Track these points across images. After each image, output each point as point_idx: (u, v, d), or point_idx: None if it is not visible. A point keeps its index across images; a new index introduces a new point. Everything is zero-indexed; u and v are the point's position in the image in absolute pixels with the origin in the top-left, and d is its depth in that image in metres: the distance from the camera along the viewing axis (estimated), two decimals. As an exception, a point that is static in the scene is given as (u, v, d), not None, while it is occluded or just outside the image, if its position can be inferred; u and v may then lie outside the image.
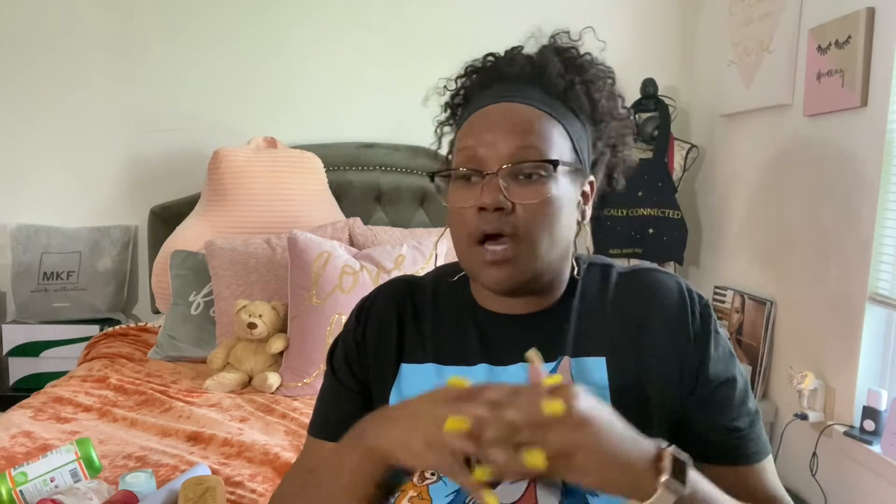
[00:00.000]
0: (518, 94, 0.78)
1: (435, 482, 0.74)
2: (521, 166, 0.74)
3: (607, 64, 0.85)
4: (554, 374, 0.78)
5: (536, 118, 0.77)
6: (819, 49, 2.00)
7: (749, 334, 2.34)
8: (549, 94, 0.79)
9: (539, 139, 0.75)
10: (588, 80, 0.81)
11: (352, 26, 2.77)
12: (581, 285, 0.84)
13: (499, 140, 0.75)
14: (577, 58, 0.82)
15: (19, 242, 2.69)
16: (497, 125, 0.76)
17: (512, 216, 0.74)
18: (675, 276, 0.82)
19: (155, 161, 2.78)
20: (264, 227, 2.43)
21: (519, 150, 0.74)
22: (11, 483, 1.24)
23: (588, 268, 0.86)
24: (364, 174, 2.73)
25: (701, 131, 2.79)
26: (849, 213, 1.90)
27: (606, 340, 0.78)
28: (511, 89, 0.79)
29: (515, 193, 0.74)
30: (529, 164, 0.74)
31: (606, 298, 0.81)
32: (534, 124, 0.76)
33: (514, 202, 0.74)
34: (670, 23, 2.82)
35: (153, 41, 2.74)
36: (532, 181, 0.75)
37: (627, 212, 2.57)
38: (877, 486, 1.79)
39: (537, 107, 0.77)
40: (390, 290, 0.89)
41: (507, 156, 0.74)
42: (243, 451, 1.53)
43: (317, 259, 2.00)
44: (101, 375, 1.96)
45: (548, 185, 0.75)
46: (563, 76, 0.80)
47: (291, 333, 2.00)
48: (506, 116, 0.76)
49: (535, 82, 0.80)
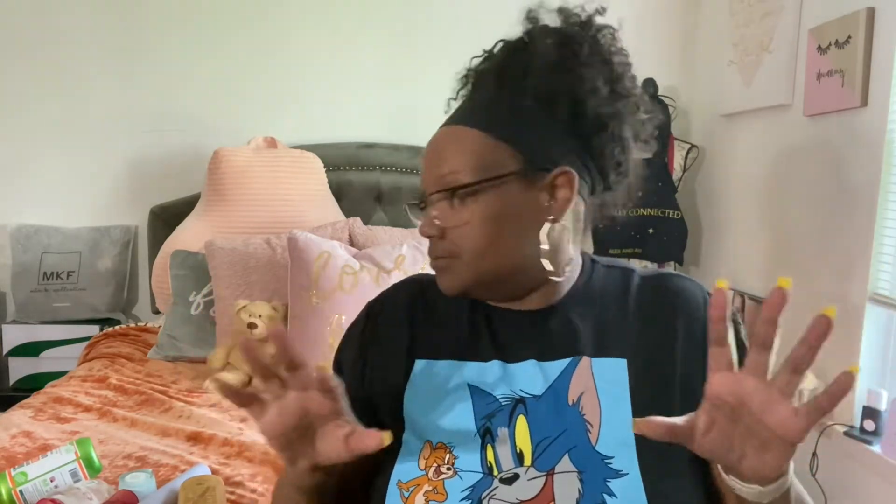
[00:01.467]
0: (458, 113, 0.81)
1: (451, 477, 0.74)
2: (442, 193, 0.77)
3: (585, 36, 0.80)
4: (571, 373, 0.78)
5: (455, 142, 0.78)
6: (819, 49, 2.00)
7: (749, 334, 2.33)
8: (498, 101, 0.79)
9: (458, 163, 0.77)
10: (540, 67, 0.78)
11: (352, 26, 2.77)
12: (598, 285, 0.83)
13: (427, 171, 0.80)
14: (535, 45, 0.79)
15: (19, 242, 2.69)
16: (431, 152, 0.80)
17: (444, 241, 0.78)
18: (699, 283, 0.81)
19: (155, 161, 2.78)
20: (264, 227, 2.42)
21: (439, 179, 0.77)
22: (11, 483, 1.24)
23: (607, 269, 0.86)
24: (364, 174, 2.73)
25: (701, 131, 2.79)
26: (849, 214, 1.90)
27: (627, 343, 0.78)
28: (458, 110, 0.82)
29: (447, 218, 0.77)
30: (442, 193, 0.77)
31: (628, 301, 0.81)
32: (448, 150, 0.78)
33: (446, 227, 0.77)
34: (670, 23, 2.82)
35: (153, 41, 2.74)
36: (463, 204, 0.77)
37: (627, 212, 2.57)
38: (877, 486, 1.79)
39: (466, 124, 0.78)
40: (402, 288, 0.90)
41: (433, 182, 0.78)
42: (243, 451, 1.53)
43: (317, 259, 2.00)
44: (101, 375, 1.96)
45: (477, 204, 0.76)
46: (524, 72, 0.78)
47: (291, 333, 2.00)
48: (432, 145, 0.81)
49: (491, 86, 0.81)
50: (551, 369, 0.78)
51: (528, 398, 0.76)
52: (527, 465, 0.73)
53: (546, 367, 0.78)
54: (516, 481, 0.72)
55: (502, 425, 0.75)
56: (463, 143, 0.77)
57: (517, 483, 0.72)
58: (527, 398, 0.76)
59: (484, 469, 0.73)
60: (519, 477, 0.72)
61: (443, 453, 0.75)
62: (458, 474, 0.74)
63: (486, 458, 0.74)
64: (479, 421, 0.76)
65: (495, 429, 0.75)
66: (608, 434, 0.73)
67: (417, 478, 0.75)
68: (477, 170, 0.76)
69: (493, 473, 0.73)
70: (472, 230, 0.76)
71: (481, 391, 0.78)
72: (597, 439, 0.73)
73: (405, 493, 0.74)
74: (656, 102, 2.58)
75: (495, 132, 0.77)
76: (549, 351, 0.79)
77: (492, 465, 0.73)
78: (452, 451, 0.75)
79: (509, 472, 0.73)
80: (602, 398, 0.75)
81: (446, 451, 0.75)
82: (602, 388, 0.75)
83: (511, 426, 0.75)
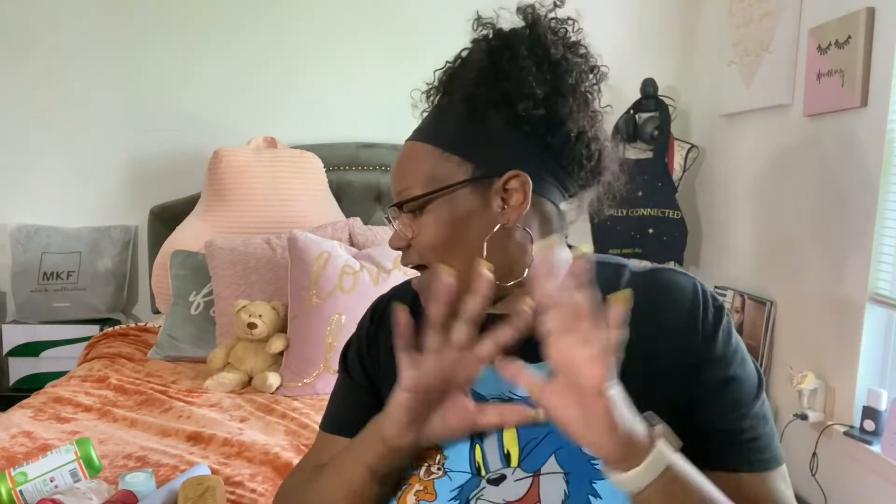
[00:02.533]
0: (416, 129, 0.83)
1: (440, 477, 0.75)
2: (398, 208, 0.80)
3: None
4: None
5: (410, 158, 0.80)
6: (819, 49, 2.00)
7: (749, 334, 2.34)
8: (446, 113, 0.80)
9: (411, 179, 0.79)
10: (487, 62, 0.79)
11: (352, 26, 2.77)
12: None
13: (393, 182, 0.82)
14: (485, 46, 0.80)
15: (19, 242, 2.69)
16: (392, 171, 0.84)
17: (410, 250, 0.80)
18: (693, 278, 0.80)
19: (155, 161, 2.78)
20: (264, 227, 2.43)
21: (397, 195, 0.80)
22: (11, 483, 1.24)
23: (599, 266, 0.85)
24: (364, 174, 2.73)
25: (701, 131, 2.79)
26: (849, 213, 1.90)
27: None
28: (418, 125, 0.84)
29: (408, 230, 0.80)
30: (395, 207, 0.80)
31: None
32: (405, 166, 0.80)
33: (409, 238, 0.79)
34: (670, 23, 2.82)
35: (153, 41, 2.74)
36: (420, 216, 0.78)
37: (627, 212, 2.58)
38: (877, 486, 1.79)
39: (419, 139, 0.81)
40: (405, 289, 0.90)
41: (394, 199, 0.81)
42: (243, 451, 1.53)
43: (317, 259, 2.00)
44: (101, 375, 1.96)
45: (430, 214, 0.78)
46: (479, 76, 0.78)
47: (291, 333, 2.00)
48: (395, 162, 0.83)
49: (442, 100, 0.82)
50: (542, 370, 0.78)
51: (517, 400, 0.77)
52: (514, 465, 0.73)
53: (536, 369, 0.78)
54: (503, 482, 0.72)
55: None
56: (416, 159, 0.80)
57: (504, 484, 0.72)
58: (515, 400, 0.77)
59: (472, 469, 0.74)
60: (506, 478, 0.73)
61: (434, 453, 0.76)
62: (447, 474, 0.75)
63: (474, 459, 0.75)
64: None
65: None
66: None
67: (409, 477, 0.76)
68: (427, 183, 0.77)
69: (481, 474, 0.74)
70: (430, 239, 0.78)
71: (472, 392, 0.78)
72: None
73: (397, 493, 0.75)
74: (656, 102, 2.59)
75: (444, 145, 0.78)
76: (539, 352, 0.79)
77: (480, 466, 0.74)
78: (443, 452, 0.76)
79: (496, 473, 0.73)
80: None
81: (437, 452, 0.76)
82: None
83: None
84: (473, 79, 0.78)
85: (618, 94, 2.76)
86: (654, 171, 2.55)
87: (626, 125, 2.59)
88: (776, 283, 2.27)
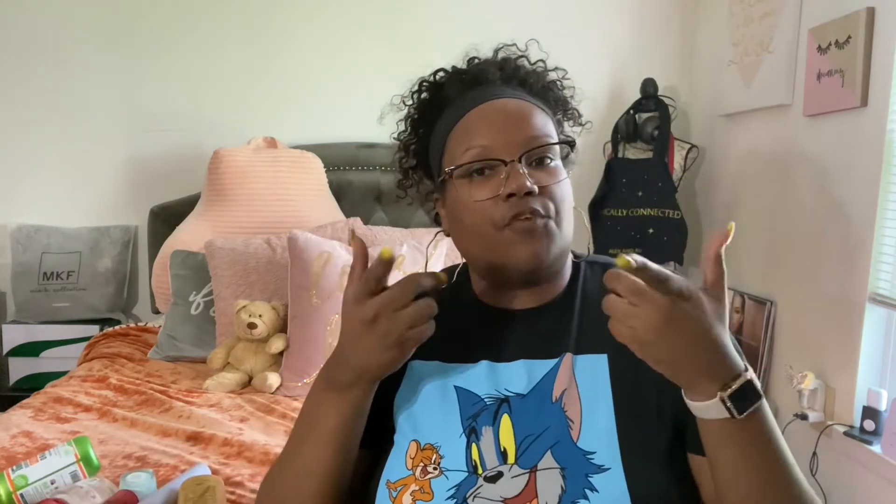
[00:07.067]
0: (508, 92, 0.82)
1: (437, 476, 0.75)
2: (536, 152, 0.78)
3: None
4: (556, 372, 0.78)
5: (534, 109, 0.81)
6: (819, 49, 2.00)
7: (749, 334, 2.34)
8: (529, 92, 0.84)
9: (544, 127, 0.80)
10: (549, 79, 0.87)
11: (352, 27, 2.76)
12: (582, 283, 0.85)
13: (510, 131, 0.77)
14: (532, 63, 0.88)
15: (19, 242, 2.69)
16: (503, 119, 0.79)
17: (540, 198, 0.76)
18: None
19: (155, 161, 2.78)
20: (264, 227, 2.43)
21: (531, 138, 0.77)
22: (11, 485, 1.23)
23: (590, 266, 0.86)
24: (364, 174, 2.73)
25: (701, 131, 2.79)
26: (849, 213, 1.90)
27: (608, 338, 0.78)
28: (496, 90, 0.82)
29: (537, 178, 0.76)
30: (544, 148, 0.78)
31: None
32: (536, 115, 0.80)
33: (540, 185, 0.76)
34: (670, 23, 2.82)
35: (153, 41, 2.74)
36: (545, 166, 0.78)
37: (627, 212, 2.58)
38: (877, 486, 1.79)
39: (529, 101, 0.82)
40: None
41: (522, 144, 0.77)
42: (243, 451, 1.53)
43: (317, 259, 2.00)
44: (101, 375, 1.96)
45: (560, 168, 0.80)
46: (536, 74, 0.85)
47: (291, 333, 2.00)
48: (507, 110, 0.79)
49: (511, 83, 0.84)
50: (539, 368, 0.79)
51: (513, 397, 0.78)
52: (510, 462, 0.74)
53: (534, 366, 0.79)
54: (500, 479, 0.73)
55: (487, 424, 0.77)
56: (540, 115, 0.81)
57: (501, 481, 0.73)
58: (511, 397, 0.78)
59: (469, 468, 0.75)
60: (503, 475, 0.73)
61: (430, 453, 0.76)
62: (443, 473, 0.75)
63: (471, 457, 0.75)
64: (465, 421, 0.77)
65: (480, 428, 0.77)
66: (589, 429, 0.74)
67: (405, 478, 0.76)
68: (554, 140, 0.80)
69: (478, 472, 0.74)
70: (560, 190, 0.79)
71: (467, 392, 0.79)
72: (578, 435, 0.74)
73: (393, 493, 0.75)
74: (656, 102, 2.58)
75: (550, 117, 0.84)
76: (538, 350, 0.80)
77: (476, 464, 0.75)
78: (439, 451, 0.76)
79: (493, 471, 0.74)
80: (583, 394, 0.76)
81: (433, 451, 0.76)
82: (583, 385, 0.77)
83: (495, 425, 0.76)
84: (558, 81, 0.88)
85: (618, 94, 2.76)
86: (654, 171, 2.55)
87: (626, 125, 2.59)
88: (776, 282, 2.27)
